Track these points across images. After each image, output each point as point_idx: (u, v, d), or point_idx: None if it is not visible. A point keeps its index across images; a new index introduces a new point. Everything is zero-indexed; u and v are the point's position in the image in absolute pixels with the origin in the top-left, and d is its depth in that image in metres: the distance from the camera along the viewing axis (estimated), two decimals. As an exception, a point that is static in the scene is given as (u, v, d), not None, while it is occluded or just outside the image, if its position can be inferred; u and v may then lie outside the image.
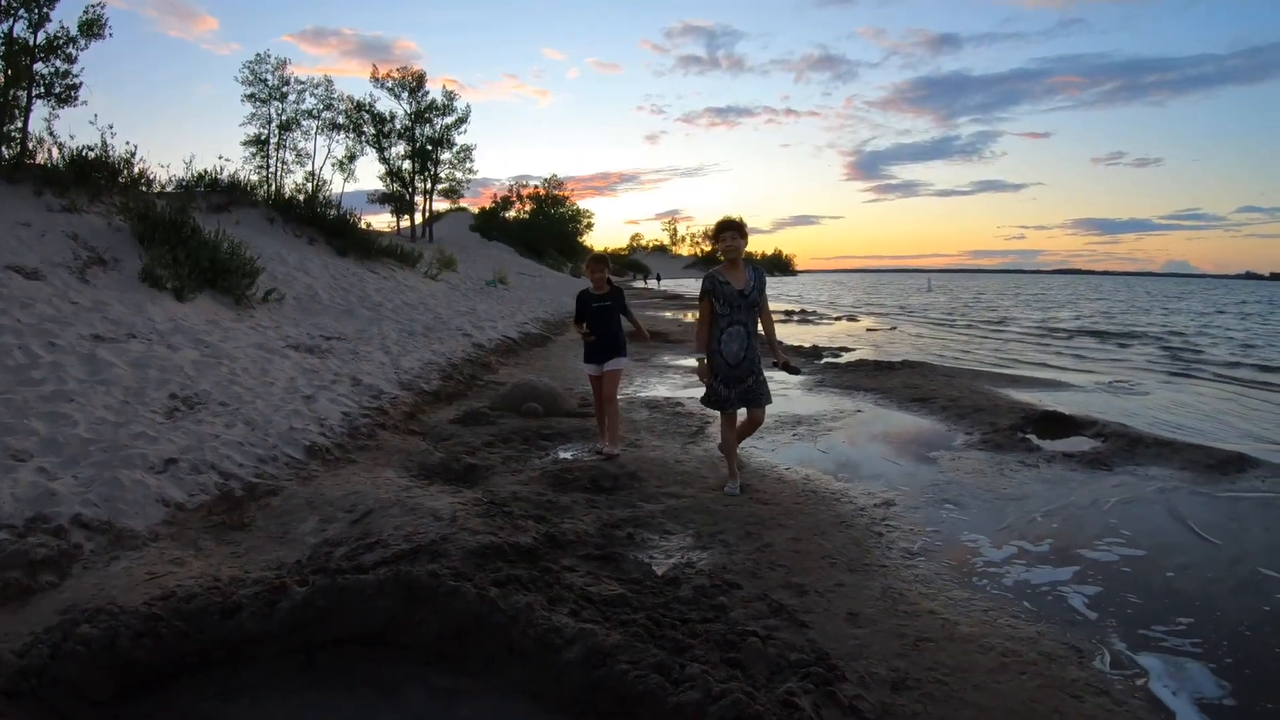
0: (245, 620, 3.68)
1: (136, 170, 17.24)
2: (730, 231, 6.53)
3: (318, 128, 50.99)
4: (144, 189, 17.28)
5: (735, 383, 6.65)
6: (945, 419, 10.10)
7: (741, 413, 6.94)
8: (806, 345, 18.89)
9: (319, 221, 23.50)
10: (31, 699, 3.12)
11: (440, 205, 68.50)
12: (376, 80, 57.20)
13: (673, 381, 13.38)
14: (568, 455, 7.80)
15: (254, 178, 35.91)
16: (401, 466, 7.01)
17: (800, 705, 3.04)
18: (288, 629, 3.71)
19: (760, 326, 6.77)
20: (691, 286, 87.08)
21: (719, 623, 3.94)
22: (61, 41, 19.37)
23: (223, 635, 3.63)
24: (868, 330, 27.52)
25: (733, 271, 6.60)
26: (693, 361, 17.17)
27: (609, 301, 8.15)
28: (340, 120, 52.74)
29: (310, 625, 3.74)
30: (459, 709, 3.35)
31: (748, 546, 5.33)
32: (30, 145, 17.18)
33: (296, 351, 11.33)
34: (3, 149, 16.58)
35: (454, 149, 60.36)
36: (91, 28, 19.93)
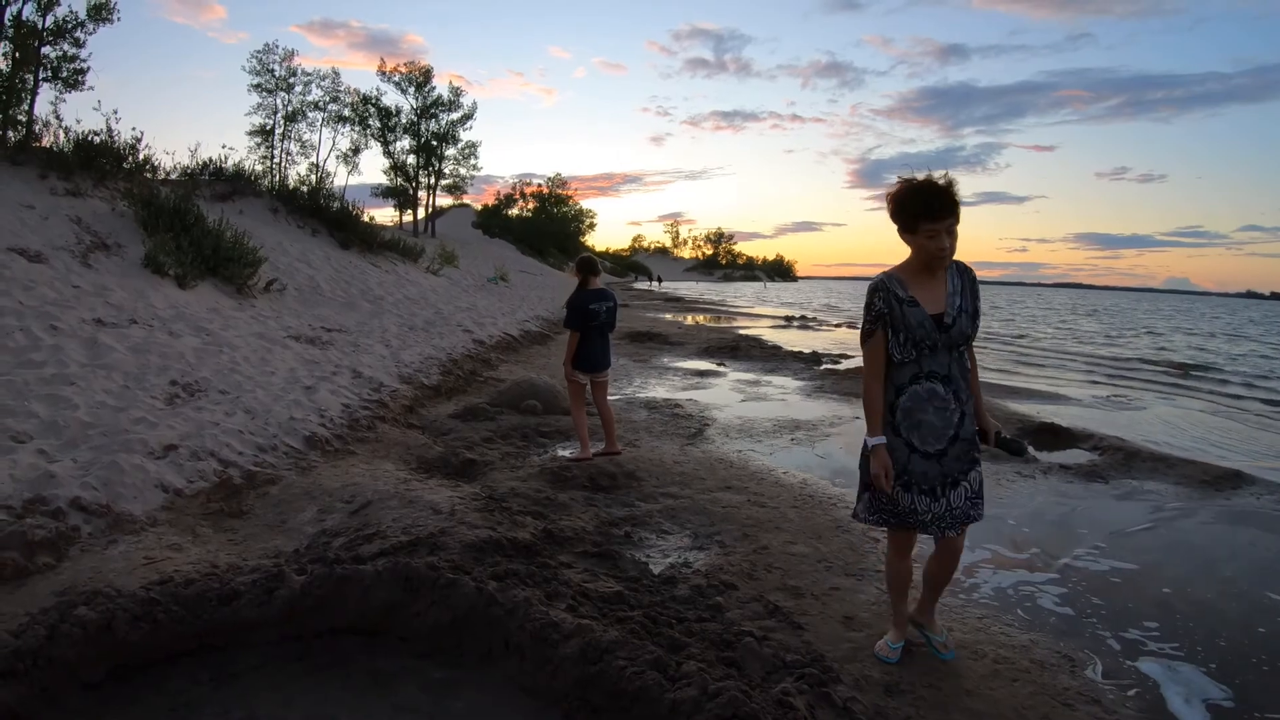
0: (242, 607, 3.69)
1: (141, 156, 17.24)
2: (932, 222, 3.43)
3: (323, 119, 51.13)
4: (148, 175, 17.26)
5: (931, 485, 3.66)
6: (943, 428, 10.08)
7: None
8: (807, 351, 18.87)
9: (322, 213, 23.44)
10: (25, 679, 3.12)
11: (443, 201, 68.68)
12: (383, 74, 57.32)
13: (671, 383, 13.39)
14: (566, 453, 7.80)
15: (258, 168, 35.99)
16: (400, 459, 7.02)
17: (795, 705, 3.04)
18: (284, 617, 3.72)
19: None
20: (691, 290, 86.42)
21: (715, 622, 3.95)
22: (70, 25, 19.39)
23: (219, 621, 3.64)
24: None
25: (924, 281, 3.58)
26: (698, 364, 17.39)
27: (609, 305, 7.95)
28: (346, 113, 52.86)
29: (307, 614, 3.75)
30: (453, 702, 3.35)
31: (744, 548, 5.34)
32: (36, 128, 17.18)
33: (297, 342, 11.34)
34: (8, 131, 16.58)
35: (459, 145, 60.45)
36: (100, 12, 19.96)
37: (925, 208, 3.39)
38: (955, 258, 3.58)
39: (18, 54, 18.28)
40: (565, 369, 7.81)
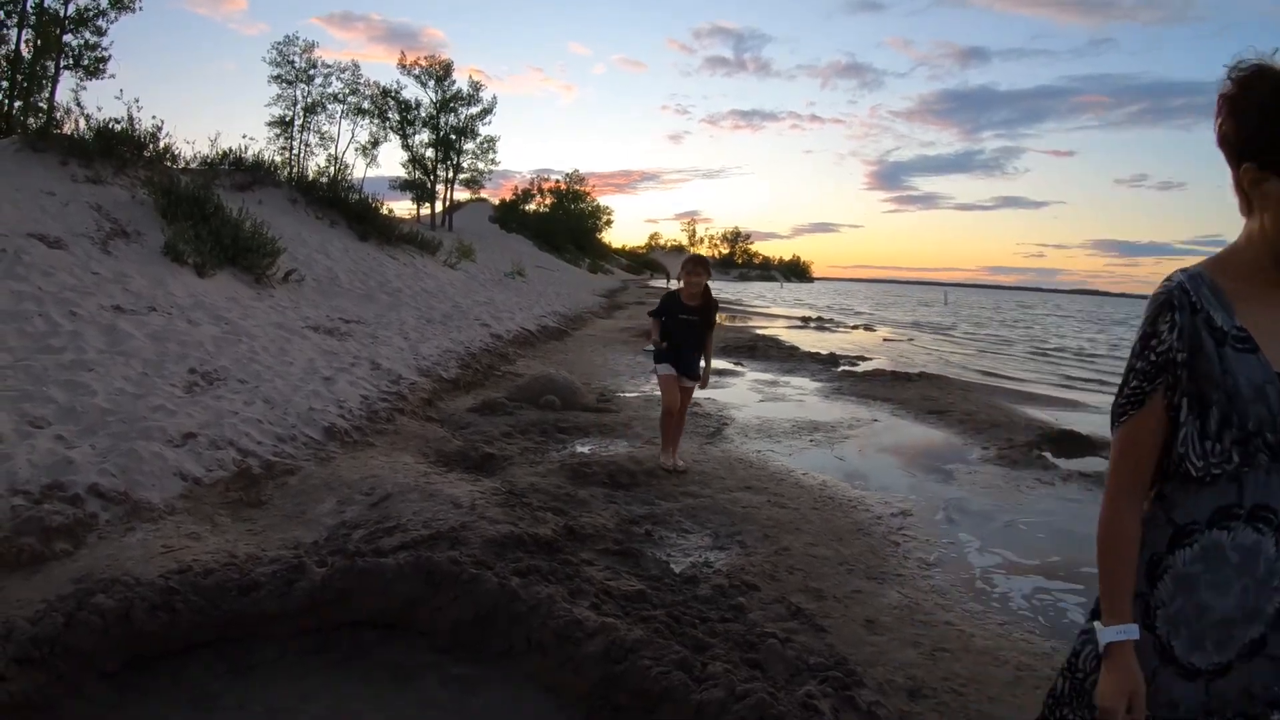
0: (262, 598, 3.67)
1: (162, 145, 17.28)
2: None
3: (342, 112, 51.26)
4: (169, 164, 17.30)
5: None
6: (961, 432, 10.04)
7: None
8: (824, 352, 18.80)
9: (341, 205, 23.47)
10: (42, 666, 3.10)
11: (461, 195, 68.77)
12: (403, 67, 57.36)
13: (688, 382, 13.34)
14: (585, 449, 7.77)
15: (277, 158, 36.01)
16: (419, 452, 6.99)
17: (820, 709, 3.00)
18: (304, 609, 3.70)
19: None
20: (714, 291, 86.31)
21: (738, 623, 3.91)
22: (92, 14, 19.45)
23: (239, 612, 3.62)
24: (884, 340, 27.43)
25: (1273, 298, 1.62)
26: (716, 363, 16.78)
27: (695, 317, 7.16)
28: (365, 105, 52.98)
29: (327, 606, 3.73)
30: (473, 698, 3.32)
31: (765, 549, 5.29)
32: (57, 115, 17.24)
33: (316, 333, 11.34)
34: (30, 118, 16.65)
35: (478, 139, 60.47)
36: (122, 1, 20.00)
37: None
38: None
39: (40, 41, 18.34)
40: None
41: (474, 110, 59.37)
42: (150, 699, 3.20)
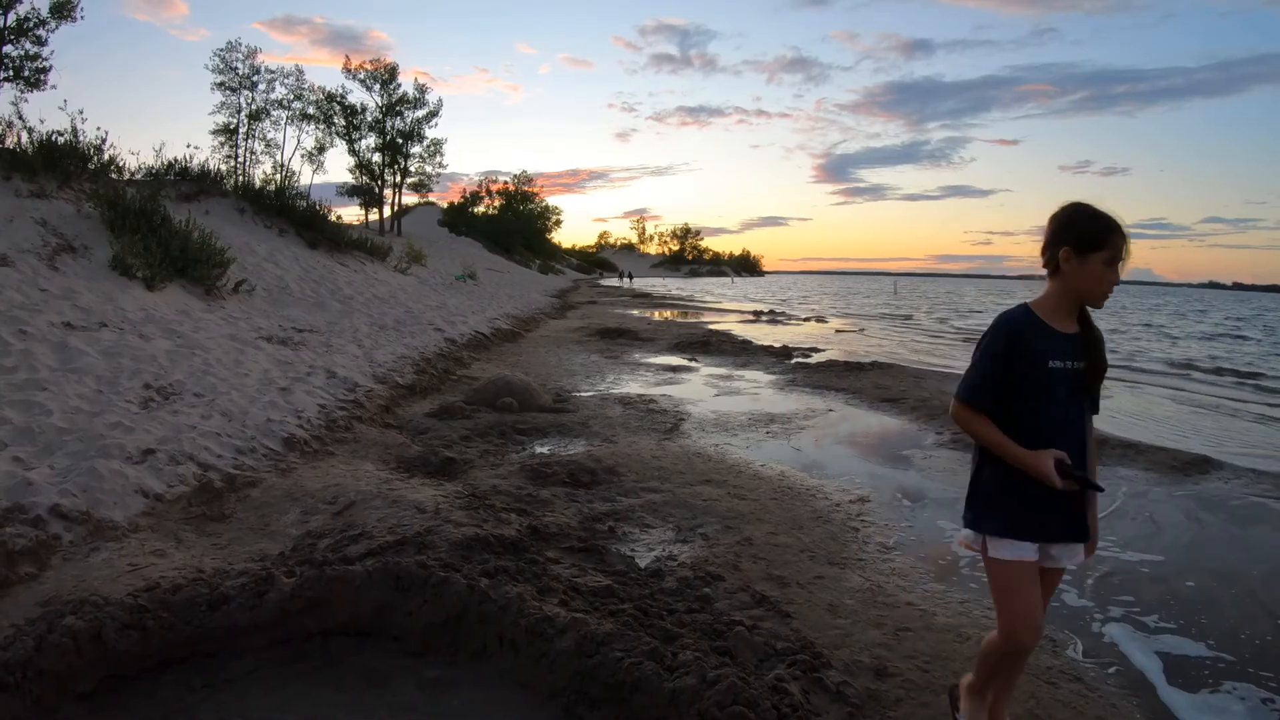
0: (233, 612, 3.68)
1: (106, 157, 17.03)
2: None
3: (287, 118, 50.81)
4: (114, 176, 17.04)
5: None
6: (915, 419, 10.20)
7: None
8: (777, 345, 18.96)
9: (289, 213, 23.25)
10: (15, 691, 3.10)
11: (409, 199, 68.48)
12: (348, 72, 56.97)
13: (644, 379, 13.41)
14: (544, 450, 7.81)
15: (223, 167, 35.56)
16: (380, 459, 6.99)
17: (789, 690, 3.10)
18: (275, 621, 3.72)
19: None
20: (659, 286, 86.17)
21: (705, 613, 4.00)
22: (32, 24, 19.11)
23: (210, 627, 3.63)
24: (836, 331, 27.68)
25: None
26: (670, 359, 17.32)
27: (1081, 363, 2.95)
28: (310, 111, 52.55)
29: (298, 616, 3.75)
30: (449, 699, 3.37)
31: (728, 540, 5.38)
32: (-2, 128, 16.91)
33: (269, 343, 11.25)
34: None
35: (424, 142, 60.23)
36: (62, 10, 19.67)
37: None
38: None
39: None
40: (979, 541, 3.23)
41: (420, 113, 59.25)
42: (127, 718, 3.21)
